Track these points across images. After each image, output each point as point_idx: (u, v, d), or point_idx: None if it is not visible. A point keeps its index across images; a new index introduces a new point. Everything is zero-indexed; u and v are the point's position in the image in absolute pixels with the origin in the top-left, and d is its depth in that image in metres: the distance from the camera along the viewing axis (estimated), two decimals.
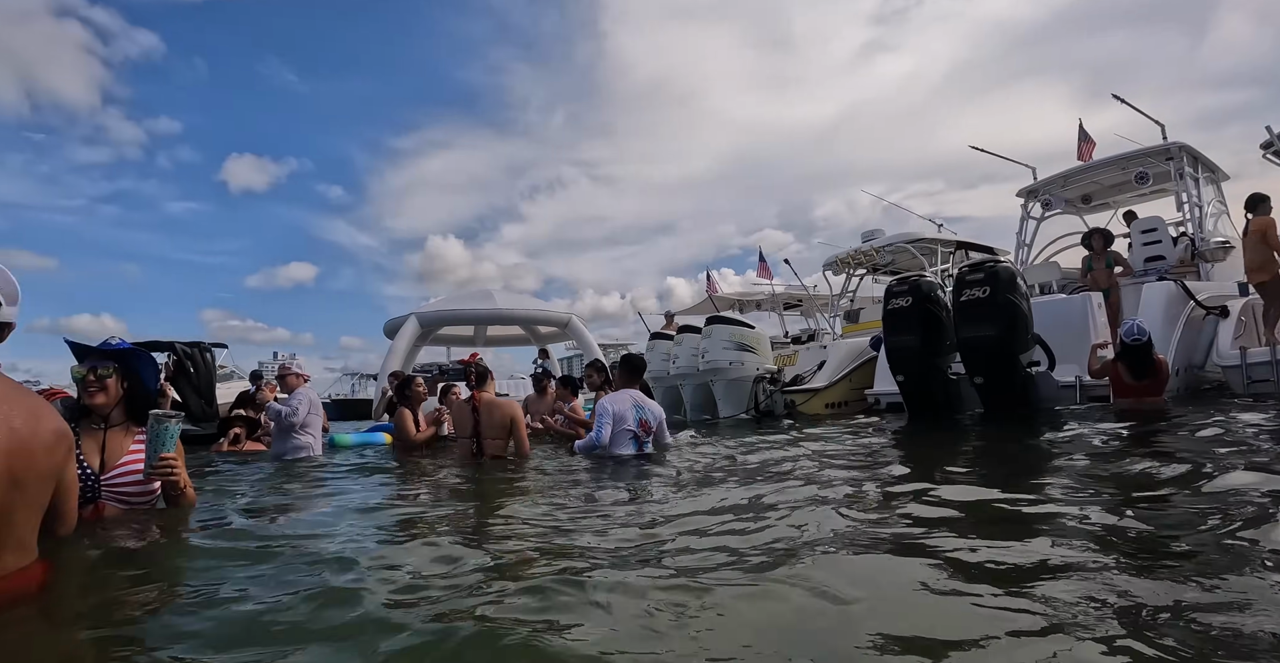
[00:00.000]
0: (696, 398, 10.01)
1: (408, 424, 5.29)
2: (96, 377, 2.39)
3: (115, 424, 2.44)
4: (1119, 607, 1.30)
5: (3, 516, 1.56)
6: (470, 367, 4.58)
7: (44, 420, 1.68)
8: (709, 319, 9.62)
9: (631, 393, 4.75)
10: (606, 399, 4.73)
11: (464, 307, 11.37)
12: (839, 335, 14.14)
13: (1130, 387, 5.75)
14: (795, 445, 5.08)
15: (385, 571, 1.74)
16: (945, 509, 2.37)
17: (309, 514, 3.05)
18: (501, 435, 4.48)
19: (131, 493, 2.39)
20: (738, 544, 1.95)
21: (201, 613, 1.45)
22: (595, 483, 3.60)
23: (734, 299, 16.55)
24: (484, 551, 1.93)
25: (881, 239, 13.54)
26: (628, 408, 4.62)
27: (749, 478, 3.48)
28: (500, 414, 4.48)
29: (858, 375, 9.82)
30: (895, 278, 7.60)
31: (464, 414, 4.53)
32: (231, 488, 3.88)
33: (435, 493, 3.43)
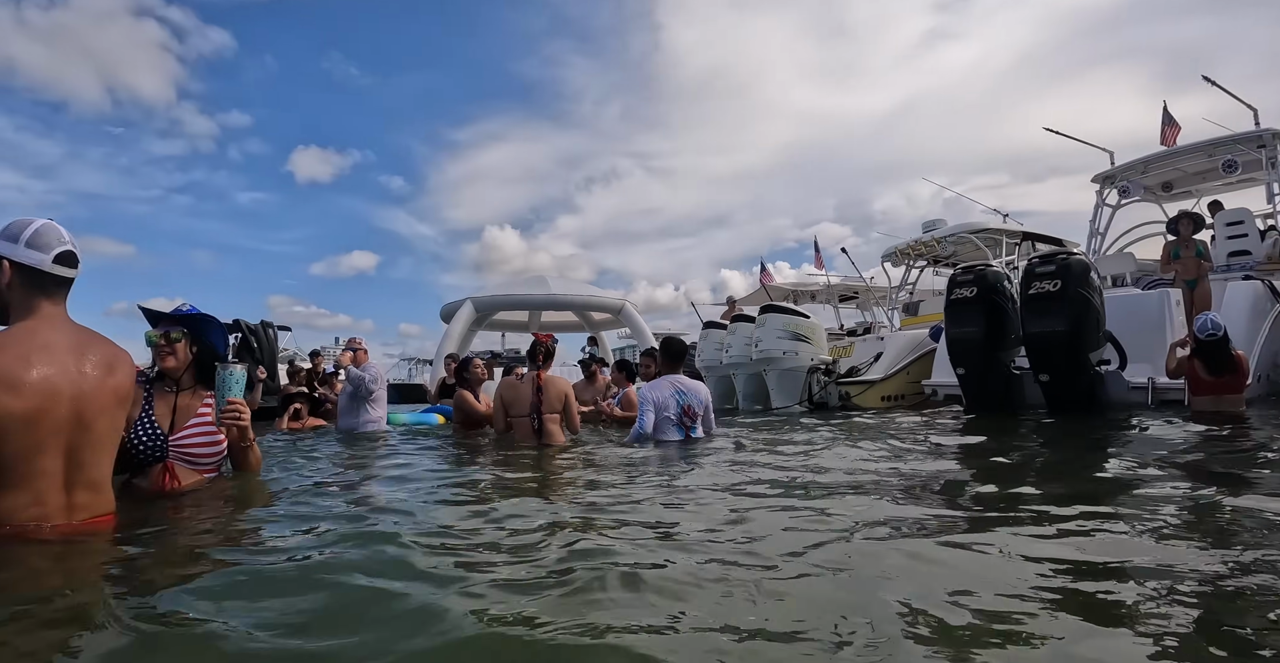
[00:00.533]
0: (749, 388, 10.00)
1: (469, 400, 5.45)
2: (168, 340, 2.50)
3: (185, 388, 2.54)
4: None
5: (71, 454, 1.71)
6: (542, 344, 4.69)
7: (118, 371, 1.84)
8: (763, 308, 9.58)
9: (672, 379, 4.79)
10: (646, 387, 4.80)
11: (519, 292, 11.55)
12: (897, 329, 13.89)
13: (1207, 383, 5.53)
14: (848, 436, 5.05)
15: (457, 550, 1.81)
16: (998, 509, 2.35)
17: (380, 488, 3.15)
18: (558, 408, 4.58)
19: (199, 454, 2.49)
20: (785, 530, 1.97)
21: (263, 584, 1.48)
22: (648, 468, 3.65)
23: (788, 290, 16.42)
24: (556, 536, 1.99)
25: (944, 229, 13.24)
26: (668, 395, 4.68)
27: (799, 467, 3.47)
28: (557, 389, 4.58)
29: (916, 368, 9.67)
30: (960, 267, 7.44)
31: (524, 392, 4.63)
32: (308, 462, 4.05)
33: (502, 474, 3.51)
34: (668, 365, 4.96)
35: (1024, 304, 6.60)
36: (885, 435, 5.10)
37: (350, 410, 6.02)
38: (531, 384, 4.58)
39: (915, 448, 4.27)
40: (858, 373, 9.65)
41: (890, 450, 4.15)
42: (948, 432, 5.54)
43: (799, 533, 1.92)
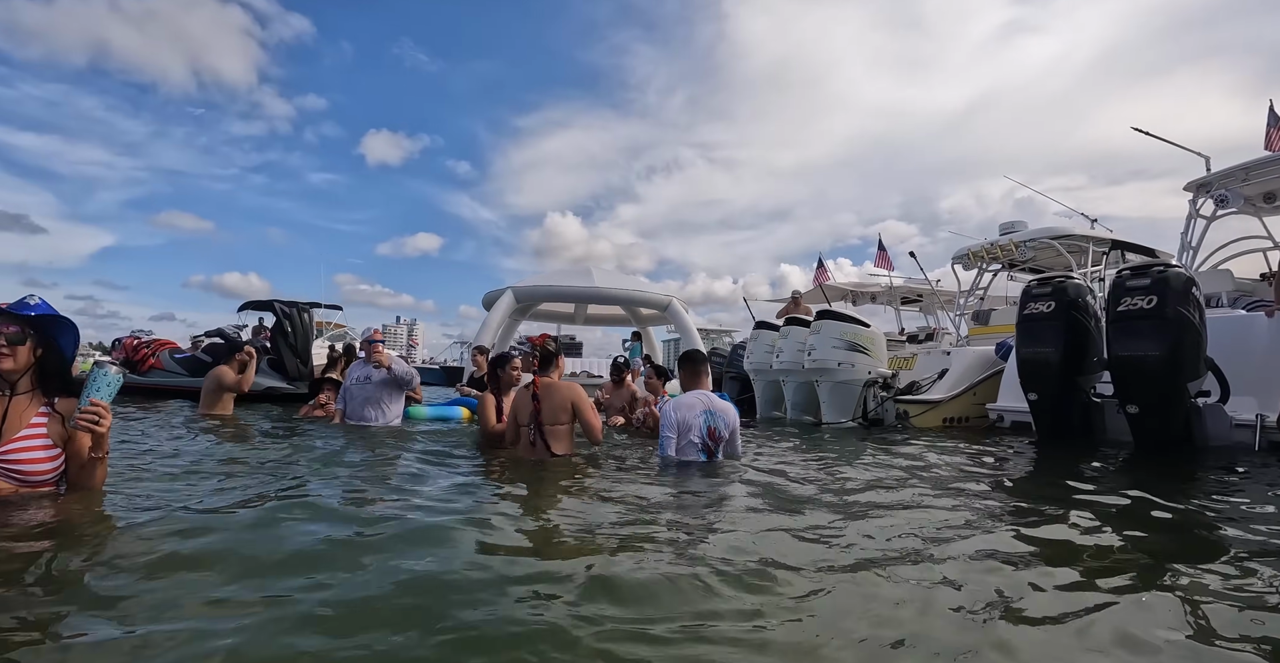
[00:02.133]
0: (799, 397, 9.56)
1: (488, 411, 5.13)
2: (8, 342, 2.22)
3: (21, 393, 2.29)
4: None
5: None
6: (536, 348, 4.36)
7: None
8: (820, 313, 9.09)
9: (700, 395, 4.45)
10: (670, 406, 4.42)
11: (562, 283, 11.27)
12: (963, 337, 13.22)
13: None
14: (910, 473, 4.61)
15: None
16: (1072, 562, 1.91)
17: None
18: (564, 419, 4.17)
19: (27, 471, 2.25)
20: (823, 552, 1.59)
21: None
22: (665, 488, 3.35)
23: (846, 289, 15.76)
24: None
25: (1024, 233, 12.49)
26: (694, 415, 4.32)
27: (847, 491, 3.07)
28: (560, 397, 4.16)
29: (983, 389, 9.06)
30: (1036, 278, 6.86)
31: (523, 400, 4.29)
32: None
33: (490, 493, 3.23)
34: (693, 380, 4.63)
35: (1112, 322, 5.97)
36: (943, 461, 4.65)
37: (375, 403, 5.97)
38: (529, 392, 4.26)
39: (973, 481, 3.79)
40: (918, 390, 9.09)
41: (945, 479, 3.71)
42: (1012, 467, 5.03)
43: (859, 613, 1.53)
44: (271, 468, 3.81)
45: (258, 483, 3.31)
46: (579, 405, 4.20)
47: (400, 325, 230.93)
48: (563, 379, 4.39)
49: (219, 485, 3.23)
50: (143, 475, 3.38)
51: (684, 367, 4.68)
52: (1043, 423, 6.53)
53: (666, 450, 4.28)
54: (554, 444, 4.17)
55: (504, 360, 5.33)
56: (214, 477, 3.46)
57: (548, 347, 4.39)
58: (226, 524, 2.34)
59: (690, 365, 4.65)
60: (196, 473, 3.53)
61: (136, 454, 4.19)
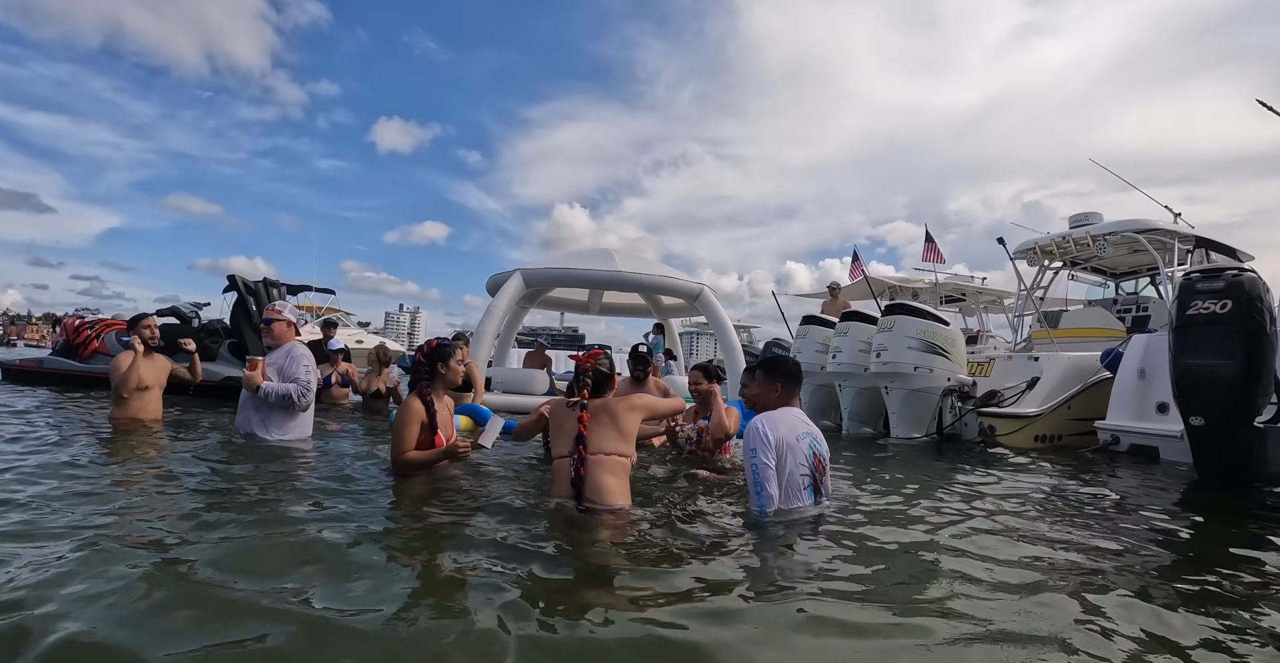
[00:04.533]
0: (859, 405, 8.10)
1: (408, 430, 3.35)
2: None
3: None
4: None
5: None
6: (587, 372, 2.98)
7: None
8: (890, 307, 7.62)
9: (798, 415, 3.16)
10: (765, 420, 3.03)
11: (578, 266, 9.74)
12: (1022, 341, 11.76)
13: None
14: (1025, 494, 3.15)
15: None
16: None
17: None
18: (622, 448, 2.89)
19: None
20: None
21: None
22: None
23: (892, 284, 14.23)
24: None
25: (1101, 225, 10.96)
26: (798, 435, 3.03)
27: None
28: (622, 414, 2.92)
29: (1080, 403, 7.59)
30: (1201, 269, 5.42)
31: (563, 416, 3.00)
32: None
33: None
34: (786, 393, 3.21)
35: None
36: (1109, 525, 3.25)
37: (258, 410, 4.50)
38: (577, 412, 2.95)
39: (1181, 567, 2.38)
40: (1000, 401, 7.60)
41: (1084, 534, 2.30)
42: (1176, 513, 3.57)
43: None
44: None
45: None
46: (652, 408, 3.11)
47: (403, 313, 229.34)
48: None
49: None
50: None
51: (777, 377, 3.22)
52: (1206, 456, 5.07)
53: (766, 501, 2.93)
54: (603, 483, 2.81)
55: (444, 354, 3.53)
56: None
57: (601, 367, 3.04)
58: None
59: (788, 379, 3.22)
60: None
61: None
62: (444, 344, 3.56)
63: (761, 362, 3.31)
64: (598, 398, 2.97)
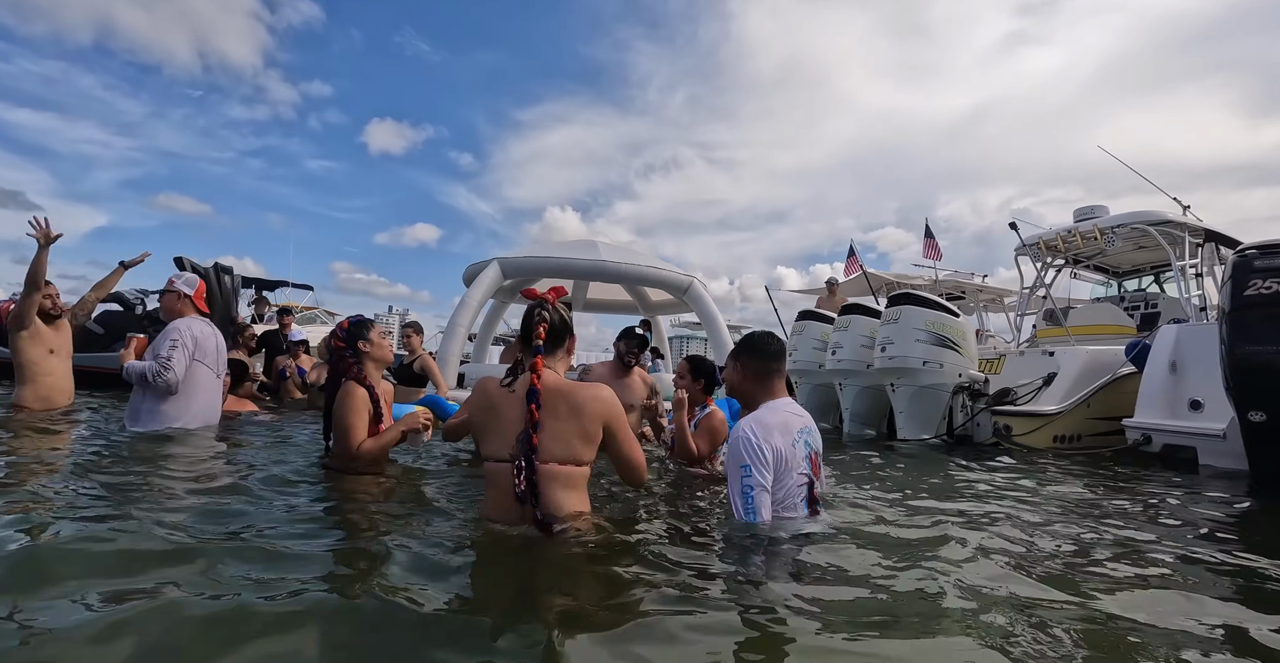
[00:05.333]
0: (861, 405, 7.47)
1: (356, 420, 2.84)
2: None
3: None
4: None
5: None
6: (546, 311, 2.22)
7: None
8: (896, 297, 7.01)
9: (789, 406, 2.53)
10: (750, 425, 2.37)
11: (559, 255, 9.07)
12: (1026, 340, 11.23)
13: None
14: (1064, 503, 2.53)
15: None
16: None
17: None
18: (582, 455, 2.11)
19: None
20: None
21: None
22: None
23: (889, 280, 13.64)
24: None
25: (1109, 218, 10.38)
26: (794, 440, 2.41)
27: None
28: (581, 408, 2.09)
29: (1099, 401, 6.98)
30: (1258, 244, 4.81)
31: (508, 407, 2.14)
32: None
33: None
34: (766, 381, 2.57)
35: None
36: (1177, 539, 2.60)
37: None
38: (524, 392, 2.10)
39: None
40: (1014, 399, 6.99)
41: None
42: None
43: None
44: None
45: None
46: (613, 428, 2.16)
47: (393, 314, 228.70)
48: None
49: None
50: None
51: (754, 359, 2.57)
52: (1267, 457, 4.43)
53: (757, 511, 2.29)
54: (556, 500, 2.07)
55: (361, 330, 3.03)
56: None
57: (556, 312, 2.26)
58: None
59: (765, 360, 2.57)
60: None
61: None
62: (358, 320, 3.09)
63: (744, 342, 2.67)
64: (548, 354, 2.19)
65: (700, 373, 3.93)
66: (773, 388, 2.52)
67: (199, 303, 4.02)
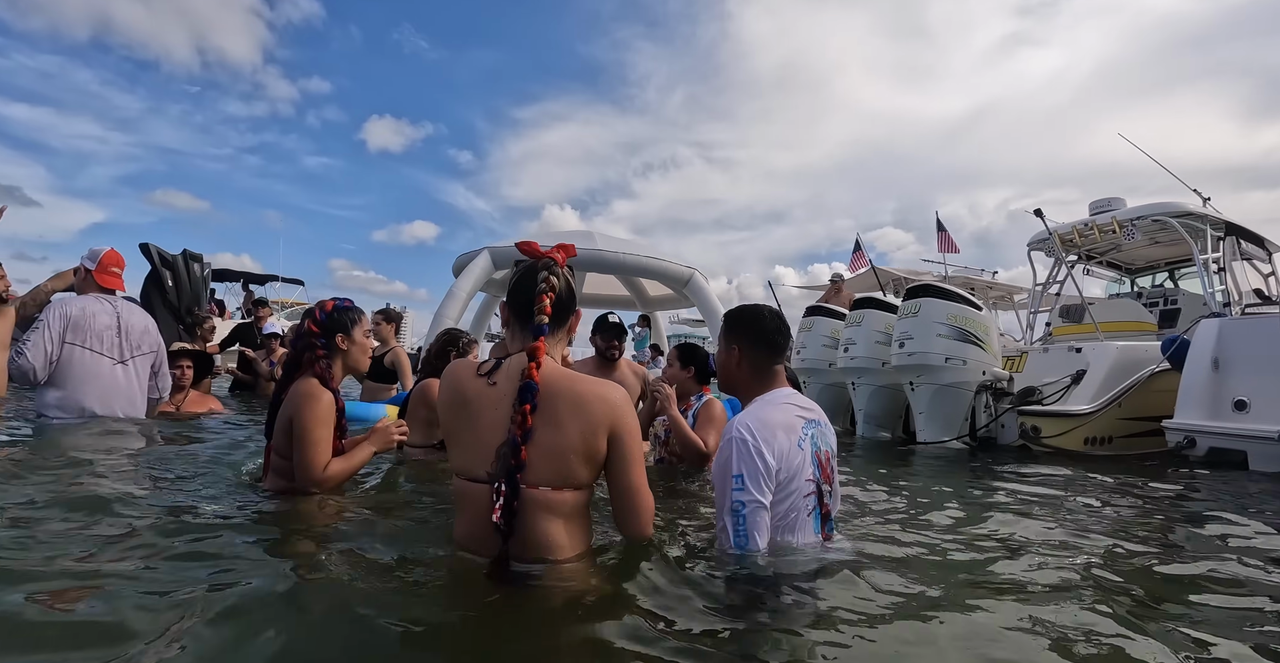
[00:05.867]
0: (876, 406, 6.97)
1: (321, 438, 2.27)
2: None
3: None
4: None
5: None
6: (549, 270, 1.63)
7: None
8: (914, 289, 6.53)
9: (792, 398, 2.01)
10: (745, 424, 1.84)
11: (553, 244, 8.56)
12: (1039, 338, 10.74)
13: None
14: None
15: None
16: None
17: None
18: (580, 476, 1.55)
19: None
20: None
21: None
22: None
23: (898, 276, 13.11)
24: None
25: (1128, 210, 9.86)
26: (798, 441, 1.89)
27: None
28: (596, 410, 1.54)
29: (1131, 400, 6.50)
30: None
31: (487, 406, 1.58)
32: None
33: None
34: (759, 361, 2.04)
35: None
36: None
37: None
38: (510, 387, 1.56)
39: None
40: (1040, 398, 6.50)
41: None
42: None
43: None
44: None
45: None
46: (621, 442, 1.58)
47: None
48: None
49: None
50: None
51: (752, 341, 2.02)
52: None
53: (752, 538, 1.79)
54: (545, 535, 1.55)
55: (345, 320, 2.44)
56: None
57: (564, 277, 1.68)
58: None
59: (767, 342, 2.02)
60: None
61: None
62: (344, 307, 2.45)
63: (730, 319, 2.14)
64: (551, 337, 1.61)
65: (691, 360, 3.44)
66: (773, 378, 2.01)
67: (103, 280, 3.49)
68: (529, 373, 1.49)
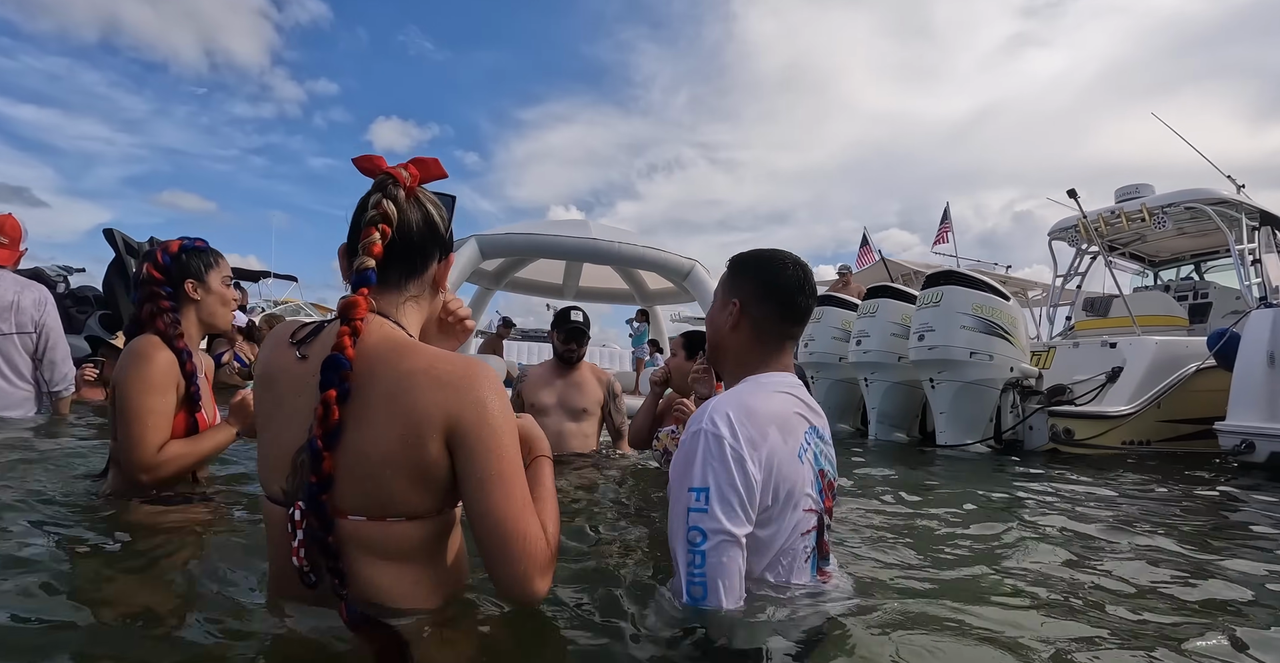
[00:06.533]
0: (890, 403, 6.39)
1: (148, 410, 1.72)
2: None
3: None
4: None
5: None
6: (385, 190, 1.05)
7: None
8: (936, 276, 5.97)
9: (789, 383, 1.38)
10: (729, 405, 1.25)
11: (547, 232, 8.00)
12: (1060, 333, 10.16)
13: None
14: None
15: None
16: None
17: None
18: (411, 494, 0.97)
19: None
20: None
21: None
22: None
23: (912, 269, 12.49)
24: None
25: (1158, 197, 9.24)
26: (798, 438, 1.28)
27: None
28: (420, 398, 0.95)
29: (1171, 400, 5.92)
30: None
31: (289, 385, 1.04)
32: None
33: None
34: (771, 338, 1.40)
35: None
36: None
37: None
38: (316, 366, 0.99)
39: None
40: (1072, 398, 5.93)
41: None
42: None
43: None
44: None
45: None
46: (469, 446, 0.97)
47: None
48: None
49: None
50: None
51: (767, 296, 1.39)
52: None
53: (717, 590, 1.15)
54: (372, 585, 0.99)
55: (196, 263, 1.92)
56: None
57: (419, 205, 1.10)
58: None
59: (786, 302, 1.39)
60: None
61: None
62: (195, 247, 1.93)
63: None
64: (385, 294, 1.08)
65: (700, 348, 2.83)
66: (778, 355, 1.40)
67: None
68: (340, 343, 0.95)
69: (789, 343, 1.42)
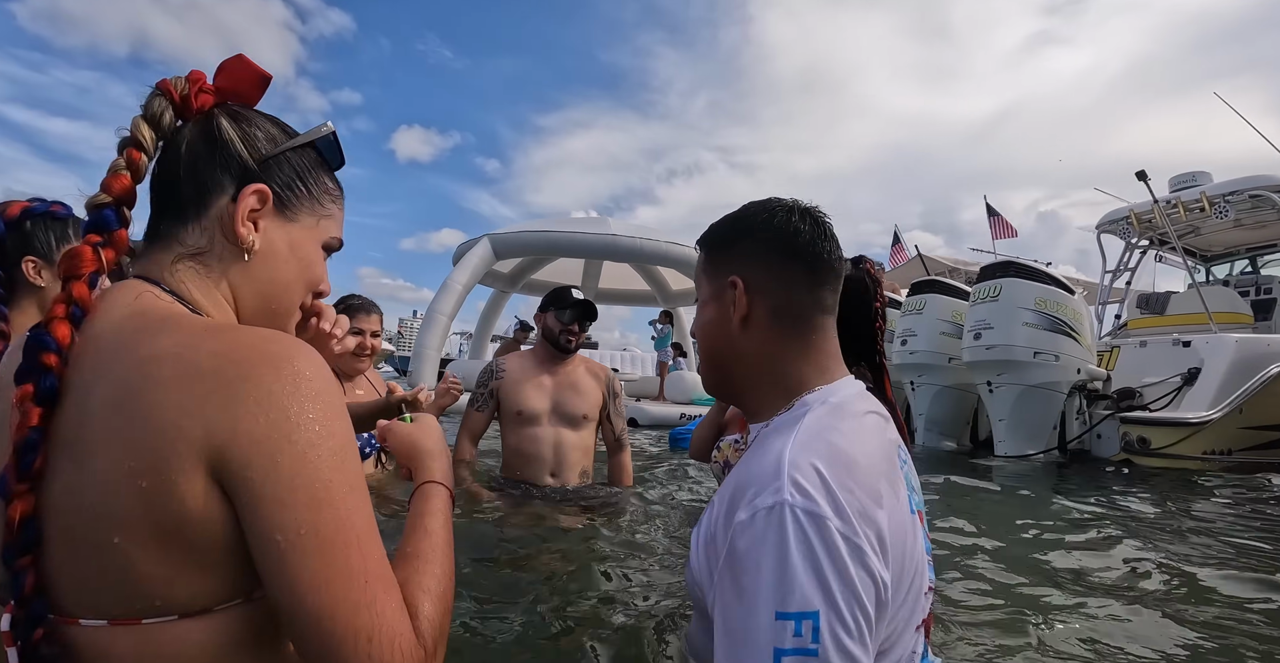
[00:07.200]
0: (939, 408, 5.85)
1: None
2: None
3: None
4: None
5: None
6: (154, 103, 0.62)
7: None
8: (991, 267, 5.41)
9: (863, 394, 0.80)
10: (815, 456, 0.66)
11: (564, 230, 7.54)
12: (1111, 331, 9.52)
13: None
14: None
15: None
16: None
17: None
18: (151, 571, 0.52)
19: None
20: None
21: None
22: None
23: (950, 265, 11.88)
24: None
25: (1217, 185, 8.60)
26: (903, 493, 0.70)
27: None
28: (157, 392, 0.51)
29: (1254, 404, 5.33)
30: None
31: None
32: None
33: None
34: (804, 325, 0.81)
35: None
36: None
37: None
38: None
39: None
40: (1143, 402, 5.35)
41: None
42: None
43: None
44: None
45: None
46: (252, 483, 0.50)
47: (416, 319, 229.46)
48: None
49: None
50: None
51: (774, 256, 0.83)
52: None
53: None
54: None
55: (47, 231, 1.31)
56: None
57: (210, 122, 0.64)
58: None
59: (805, 256, 0.82)
60: None
61: None
62: (45, 212, 1.37)
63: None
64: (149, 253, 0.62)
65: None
66: (825, 347, 0.84)
67: None
68: (47, 322, 0.53)
69: (829, 320, 0.86)
